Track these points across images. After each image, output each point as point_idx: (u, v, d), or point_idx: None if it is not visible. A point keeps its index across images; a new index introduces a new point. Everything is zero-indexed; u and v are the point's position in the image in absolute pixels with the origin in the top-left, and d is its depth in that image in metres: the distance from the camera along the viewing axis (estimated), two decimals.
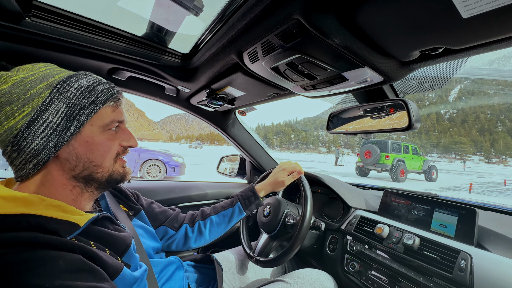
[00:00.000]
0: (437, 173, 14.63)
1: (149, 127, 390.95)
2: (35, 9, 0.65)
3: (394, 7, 0.37)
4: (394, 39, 0.46)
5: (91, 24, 0.72)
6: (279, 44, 0.53)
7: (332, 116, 0.87)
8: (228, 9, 0.58)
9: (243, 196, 1.00)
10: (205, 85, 0.93)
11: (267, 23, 0.50)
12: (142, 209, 0.83)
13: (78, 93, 0.49)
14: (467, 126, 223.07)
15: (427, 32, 0.41)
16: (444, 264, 0.71)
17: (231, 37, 0.61)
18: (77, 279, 0.38)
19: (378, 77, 0.57)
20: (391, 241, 0.86)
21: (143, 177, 6.91)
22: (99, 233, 0.52)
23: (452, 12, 0.34)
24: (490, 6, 0.31)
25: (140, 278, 0.56)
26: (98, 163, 0.52)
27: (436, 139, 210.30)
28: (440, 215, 0.86)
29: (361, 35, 0.46)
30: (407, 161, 13.17)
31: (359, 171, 14.51)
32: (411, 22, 0.39)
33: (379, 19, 0.41)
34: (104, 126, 0.52)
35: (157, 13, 0.77)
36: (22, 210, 0.41)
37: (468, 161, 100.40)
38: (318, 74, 0.62)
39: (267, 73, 0.69)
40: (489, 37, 0.38)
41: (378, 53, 0.50)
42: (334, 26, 0.44)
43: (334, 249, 1.08)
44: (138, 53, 0.82)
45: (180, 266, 0.85)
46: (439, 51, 0.45)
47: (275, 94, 0.93)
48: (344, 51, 0.49)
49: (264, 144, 1.58)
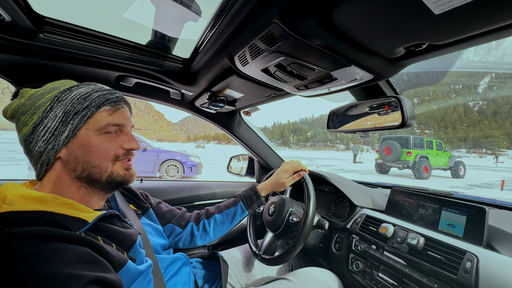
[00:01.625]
0: (465, 170, 13.75)
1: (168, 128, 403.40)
2: (47, 25, 0.71)
3: (367, 6, 0.37)
4: (375, 37, 0.46)
5: (97, 35, 0.77)
6: (264, 47, 0.55)
7: (332, 114, 0.87)
8: (219, 14, 0.60)
9: (245, 195, 1.02)
10: (206, 88, 0.97)
11: (251, 27, 0.52)
12: (150, 208, 0.88)
13: (74, 100, 0.54)
14: (499, 118, 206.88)
15: (404, 30, 0.40)
16: (449, 265, 0.69)
17: (223, 42, 0.63)
18: (84, 268, 0.42)
19: (368, 75, 0.57)
20: (395, 240, 0.85)
21: (162, 177, 7.17)
22: (107, 229, 0.56)
23: (424, 9, 0.33)
24: (459, 2, 0.30)
25: (145, 272, 0.60)
26: (94, 164, 0.55)
27: (464, 133, 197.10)
28: (449, 214, 0.83)
29: (342, 35, 0.47)
30: (431, 157, 12.49)
31: (379, 168, 14.01)
32: (386, 20, 0.39)
33: (356, 19, 0.41)
34: (99, 129, 0.55)
35: (158, 20, 0.81)
36: (38, 207, 0.46)
37: (501, 156, 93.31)
38: (307, 74, 0.62)
39: (259, 75, 0.70)
40: (468, 31, 0.37)
41: (362, 52, 0.50)
42: (313, 28, 0.45)
43: (339, 248, 1.07)
44: (142, 60, 0.86)
45: (186, 262, 0.89)
46: (423, 47, 0.44)
47: (273, 95, 0.94)
48: (327, 51, 0.50)
49: (271, 143, 1.59)
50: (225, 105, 1.02)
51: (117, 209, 0.72)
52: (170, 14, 0.78)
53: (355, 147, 24.16)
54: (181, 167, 7.36)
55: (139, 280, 0.58)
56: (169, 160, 7.25)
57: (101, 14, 0.82)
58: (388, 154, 12.51)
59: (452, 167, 13.30)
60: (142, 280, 0.59)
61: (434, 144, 13.38)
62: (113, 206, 0.72)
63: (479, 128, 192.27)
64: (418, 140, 13.16)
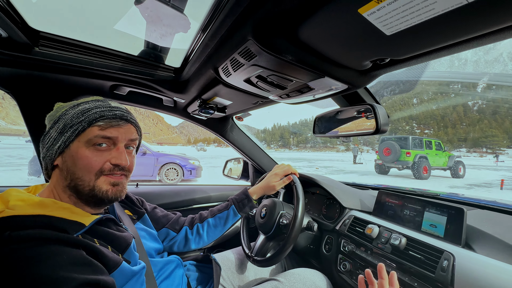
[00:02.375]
0: (465, 169, 13.75)
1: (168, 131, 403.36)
2: (42, 39, 0.75)
3: (327, 27, 0.41)
4: (341, 53, 0.49)
5: (90, 47, 0.81)
6: (243, 61, 0.58)
7: (317, 119, 0.90)
8: (203, 29, 0.64)
9: (237, 199, 1.05)
10: (196, 96, 1.00)
11: (230, 42, 0.56)
12: (145, 213, 0.91)
13: (74, 115, 0.58)
14: (499, 117, 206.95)
15: (363, 48, 0.44)
16: (428, 264, 0.72)
17: (208, 54, 0.67)
18: (76, 271, 0.45)
19: (342, 85, 0.60)
20: (380, 241, 0.87)
21: (162, 180, 7.19)
22: (103, 232, 0.59)
23: (377, 31, 0.37)
24: (405, 25, 0.33)
25: (138, 273, 0.63)
26: (78, 175, 0.56)
27: (464, 133, 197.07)
28: (431, 215, 0.86)
29: (312, 50, 0.50)
30: (430, 158, 12.51)
31: (378, 169, 14.04)
32: (346, 40, 0.43)
33: (320, 37, 0.45)
34: (88, 141, 0.57)
35: (149, 31, 0.85)
36: (38, 212, 0.50)
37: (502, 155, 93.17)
38: (286, 84, 0.66)
39: (243, 85, 0.74)
40: (420, 49, 0.40)
41: (333, 65, 0.54)
42: (284, 45, 0.48)
43: (329, 249, 1.10)
44: (134, 70, 0.90)
45: (179, 265, 0.91)
46: (386, 61, 0.47)
47: (260, 102, 0.98)
48: (300, 65, 0.53)
49: (263, 145, 1.62)
50: (215, 111, 1.06)
51: (113, 213, 0.75)
52: (160, 26, 0.82)
53: (355, 148, 24.19)
54: (181, 170, 7.39)
55: (133, 281, 0.61)
56: (168, 164, 7.28)
57: (93, 26, 0.85)
58: (387, 154, 12.54)
59: (452, 167, 13.31)
60: (136, 281, 0.62)
61: (433, 144, 13.41)
62: (110, 210, 0.75)
63: (479, 127, 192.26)
64: (417, 141, 13.19)
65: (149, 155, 7.14)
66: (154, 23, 0.81)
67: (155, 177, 7.16)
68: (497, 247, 0.69)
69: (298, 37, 0.46)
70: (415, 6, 0.29)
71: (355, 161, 23.02)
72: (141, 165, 7.04)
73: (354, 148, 24.41)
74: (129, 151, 0.65)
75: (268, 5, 0.40)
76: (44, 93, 0.92)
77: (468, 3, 0.28)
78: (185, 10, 0.72)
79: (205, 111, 1.02)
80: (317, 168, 16.90)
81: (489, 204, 0.92)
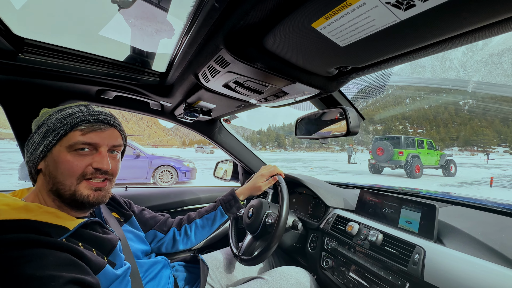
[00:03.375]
0: (456, 168, 14.02)
1: (162, 133, 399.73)
2: (27, 46, 0.77)
3: (287, 39, 0.44)
4: (305, 61, 0.53)
5: (75, 53, 0.83)
6: (219, 68, 0.61)
7: (298, 122, 0.93)
8: (183, 36, 0.67)
9: (224, 200, 1.08)
10: (182, 100, 1.03)
11: (207, 50, 0.59)
12: (133, 216, 0.93)
13: (57, 119, 0.59)
14: (489, 116, 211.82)
15: (323, 57, 0.47)
16: (402, 258, 0.76)
17: (188, 60, 0.70)
18: (63, 270, 0.47)
19: (314, 90, 0.64)
20: (359, 238, 0.91)
21: (156, 183, 7.14)
22: (88, 235, 0.61)
23: (332, 42, 0.40)
24: (355, 38, 0.37)
25: (122, 275, 0.65)
26: (60, 179, 0.57)
27: (456, 132, 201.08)
28: (407, 212, 0.90)
29: (279, 59, 0.54)
30: (422, 157, 12.74)
31: (372, 169, 14.20)
32: (306, 50, 0.46)
33: (285, 48, 0.48)
34: (69, 146, 0.57)
35: (134, 37, 0.87)
36: (23, 216, 0.51)
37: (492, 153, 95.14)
38: (262, 90, 0.69)
39: (223, 90, 0.77)
40: (375, 58, 0.44)
41: (302, 72, 0.57)
42: (253, 54, 0.52)
43: (314, 247, 1.13)
44: (120, 75, 0.92)
45: (166, 265, 0.93)
46: (349, 68, 0.51)
47: (243, 105, 1.01)
48: (271, 72, 0.57)
49: (259, 146, 1.65)
50: (200, 115, 1.08)
51: (99, 216, 0.76)
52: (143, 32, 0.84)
53: (350, 148, 24.42)
54: (175, 172, 7.36)
55: (117, 283, 0.63)
56: (162, 166, 7.25)
57: (78, 33, 0.87)
58: (380, 154, 12.71)
59: (443, 165, 13.56)
60: (120, 282, 0.64)
61: (425, 143, 13.65)
62: (96, 213, 0.77)
63: (470, 126, 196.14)
64: (410, 140, 13.42)
65: (142, 157, 7.09)
66: (138, 29, 0.84)
67: (149, 180, 7.11)
68: (464, 241, 0.73)
69: (265, 47, 0.49)
70: (358, 22, 0.33)
71: (350, 161, 23.25)
72: (134, 168, 6.98)
73: (349, 148, 24.64)
74: (113, 155, 0.66)
75: (233, 19, 0.43)
76: (31, 99, 0.93)
77: (401, 21, 0.31)
78: (168, 16, 0.75)
79: (190, 114, 1.05)
80: (312, 169, 17.00)
81: (463, 200, 0.97)
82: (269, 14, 0.39)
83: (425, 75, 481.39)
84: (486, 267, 0.61)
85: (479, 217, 0.85)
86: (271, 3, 0.36)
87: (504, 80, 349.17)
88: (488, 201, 0.95)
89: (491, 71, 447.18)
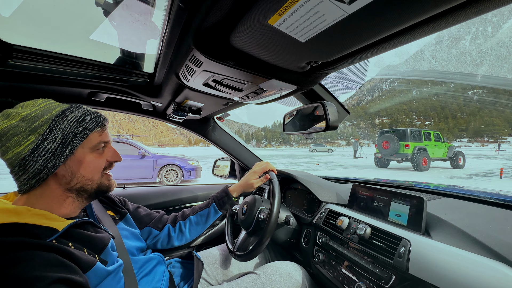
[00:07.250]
0: (464, 159, 13.73)
1: (168, 133, 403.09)
2: (16, 52, 0.79)
3: (251, 37, 0.45)
4: (275, 57, 0.53)
5: (63, 57, 0.84)
6: (195, 68, 0.62)
7: (285, 118, 0.93)
8: (162, 37, 0.68)
9: (217, 197, 1.10)
10: (171, 100, 1.04)
11: (182, 50, 0.60)
12: (128, 213, 0.95)
13: (71, 124, 0.62)
14: (499, 105, 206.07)
15: (290, 53, 0.47)
16: (388, 251, 0.76)
17: (169, 60, 0.71)
18: (49, 271, 0.49)
19: (291, 86, 0.64)
20: (349, 232, 0.91)
21: (162, 182, 7.22)
22: (79, 235, 0.63)
23: (292, 38, 0.40)
24: (312, 33, 0.37)
25: (114, 272, 0.67)
26: (89, 177, 0.65)
27: (465, 123, 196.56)
28: (396, 205, 0.89)
29: (249, 56, 0.54)
30: (430, 149, 12.50)
31: (378, 163, 14.05)
32: (272, 46, 0.46)
33: (251, 45, 0.48)
34: (92, 147, 0.65)
35: (121, 39, 0.89)
36: (12, 220, 0.53)
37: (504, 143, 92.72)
38: (241, 87, 0.69)
39: (204, 88, 0.78)
40: (337, 53, 0.44)
41: (274, 68, 0.57)
42: (223, 52, 0.52)
43: (308, 242, 1.14)
44: (109, 77, 0.93)
45: (161, 262, 0.95)
46: (319, 63, 0.51)
47: (230, 103, 1.01)
48: (244, 70, 0.57)
49: (246, 143, 1.66)
50: (190, 113, 1.10)
51: (92, 216, 0.79)
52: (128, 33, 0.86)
53: (355, 143, 24.18)
54: (180, 171, 7.43)
55: (109, 279, 0.65)
56: (168, 165, 7.32)
57: (66, 37, 0.89)
58: (386, 148, 12.55)
59: (452, 157, 13.27)
60: (112, 279, 0.66)
61: (432, 135, 13.38)
62: (88, 213, 0.79)
63: (479, 116, 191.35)
64: (416, 132, 13.16)
65: (148, 157, 7.18)
66: (123, 31, 0.85)
67: (154, 179, 7.20)
68: (450, 233, 0.73)
69: (233, 45, 0.50)
70: (310, 18, 0.33)
71: (355, 156, 23.04)
72: (140, 168, 7.08)
73: (355, 142, 24.40)
74: None
75: (198, 19, 0.44)
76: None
77: (350, 15, 0.31)
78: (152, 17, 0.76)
79: (180, 114, 1.06)
80: (317, 164, 16.94)
81: (452, 191, 0.96)
82: (228, 12, 0.40)
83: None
84: (470, 259, 0.61)
85: (470, 209, 0.85)
86: (229, 1, 0.37)
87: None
88: (479, 191, 0.93)
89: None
